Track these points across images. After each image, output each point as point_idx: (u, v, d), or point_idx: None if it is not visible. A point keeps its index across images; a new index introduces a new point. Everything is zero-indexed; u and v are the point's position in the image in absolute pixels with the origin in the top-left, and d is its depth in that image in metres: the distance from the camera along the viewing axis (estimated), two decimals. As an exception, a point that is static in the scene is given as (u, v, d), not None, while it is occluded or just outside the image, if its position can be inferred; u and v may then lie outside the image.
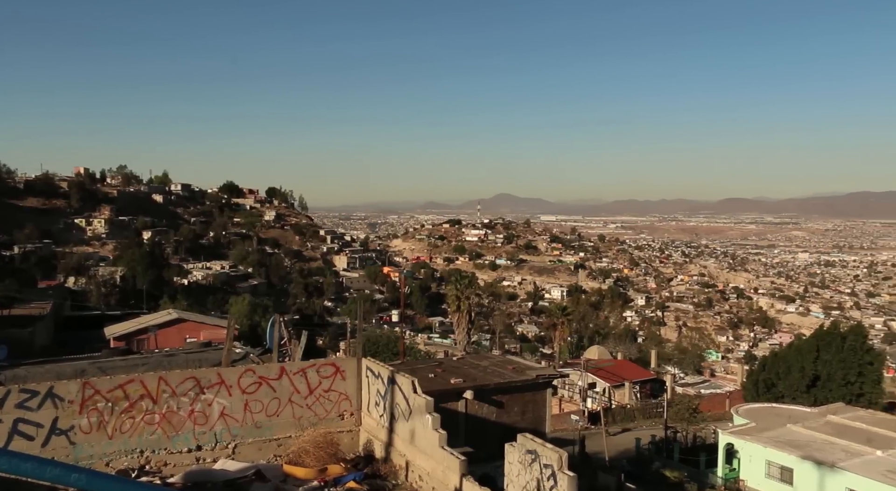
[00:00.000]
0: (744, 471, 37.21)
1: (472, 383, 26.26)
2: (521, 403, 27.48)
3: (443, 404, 22.90)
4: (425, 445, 15.15)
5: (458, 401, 25.51)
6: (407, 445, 16.00)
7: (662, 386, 69.91)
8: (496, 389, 26.64)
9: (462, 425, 25.36)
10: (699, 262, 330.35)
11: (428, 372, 26.98)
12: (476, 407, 25.97)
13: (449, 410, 24.13)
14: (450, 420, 20.08)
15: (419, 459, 15.40)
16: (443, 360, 34.73)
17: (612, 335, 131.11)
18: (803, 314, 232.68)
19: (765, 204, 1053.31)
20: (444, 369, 28.19)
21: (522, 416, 27.39)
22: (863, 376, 49.65)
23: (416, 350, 78.36)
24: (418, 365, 30.77)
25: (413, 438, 15.72)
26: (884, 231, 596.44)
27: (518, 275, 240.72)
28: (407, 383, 16.08)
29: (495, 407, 26.58)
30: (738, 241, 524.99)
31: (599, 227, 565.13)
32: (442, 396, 23.61)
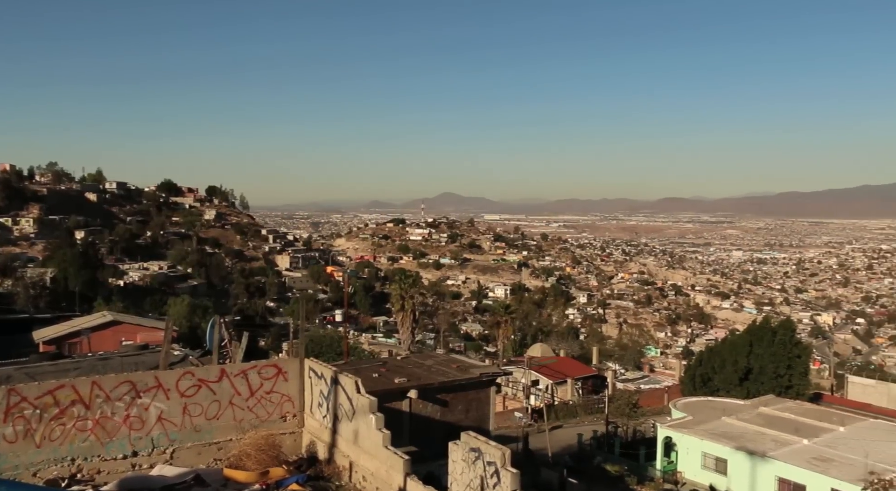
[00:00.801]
0: (681, 463, 38.25)
1: (417, 383, 26.24)
2: (466, 401, 27.59)
3: (387, 404, 22.82)
4: (369, 446, 15.07)
5: (402, 400, 25.45)
6: (350, 446, 15.88)
7: (604, 382, 71.25)
8: (440, 388, 26.68)
9: (406, 425, 25.32)
10: (639, 260, 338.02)
11: (372, 372, 26.84)
12: (420, 406, 25.96)
13: (393, 409, 24.05)
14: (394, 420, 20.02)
15: (363, 460, 15.31)
16: (387, 359, 34.62)
17: (554, 333, 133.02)
18: (737, 310, 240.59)
19: (701, 203, 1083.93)
20: (389, 369, 28.09)
21: (467, 414, 27.50)
22: (791, 369, 51.60)
23: (360, 350, 77.93)
24: (362, 365, 30.57)
25: (357, 438, 15.62)
26: (811, 230, 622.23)
27: (462, 274, 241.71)
28: (350, 384, 15.96)
29: (440, 406, 26.61)
30: (676, 240, 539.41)
31: (542, 226, 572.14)
32: (386, 396, 23.52)
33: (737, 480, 35.40)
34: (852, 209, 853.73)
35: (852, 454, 33.91)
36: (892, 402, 60.61)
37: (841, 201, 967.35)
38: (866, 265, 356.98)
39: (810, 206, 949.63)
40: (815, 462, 33.73)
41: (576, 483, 33.13)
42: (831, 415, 43.29)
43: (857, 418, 42.98)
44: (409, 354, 39.32)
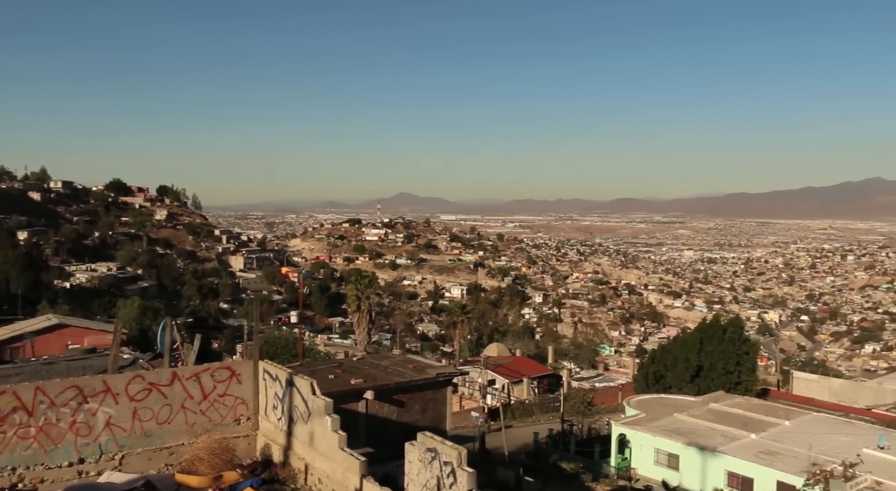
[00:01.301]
0: (635, 459, 38.88)
1: (373, 383, 26.14)
2: (422, 401, 27.58)
3: (343, 405, 22.67)
4: (325, 448, 14.94)
5: (358, 401, 25.32)
6: (306, 448, 15.72)
7: (559, 381, 71.96)
8: (397, 389, 26.62)
9: (363, 426, 25.20)
10: (593, 260, 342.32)
11: (328, 373, 26.63)
12: (377, 407, 25.85)
13: (349, 410, 23.91)
14: (350, 421, 19.88)
15: (318, 462, 15.17)
16: (343, 360, 34.38)
17: (510, 332, 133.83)
18: (688, 309, 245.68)
19: (654, 204, 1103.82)
20: (345, 370, 27.91)
21: (423, 414, 27.49)
22: (740, 365, 52.95)
23: (315, 351, 77.24)
24: (318, 366, 30.32)
25: (312, 440, 15.46)
26: (759, 230, 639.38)
27: (418, 274, 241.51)
28: (306, 385, 15.79)
29: (396, 406, 26.56)
30: (629, 240, 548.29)
31: (498, 226, 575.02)
32: (342, 397, 23.38)
33: (688, 475, 36.15)
34: (796, 210, 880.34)
35: (797, 447, 34.96)
36: (833, 396, 62.68)
37: (786, 203, 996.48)
38: (810, 264, 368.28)
39: (757, 207, 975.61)
40: (762, 456, 34.67)
41: (532, 481, 33.37)
42: (777, 410, 44.57)
43: (802, 412, 44.35)
44: (365, 355, 39.12)
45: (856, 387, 68.91)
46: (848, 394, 63.93)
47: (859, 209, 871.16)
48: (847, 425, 42.30)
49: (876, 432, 39.10)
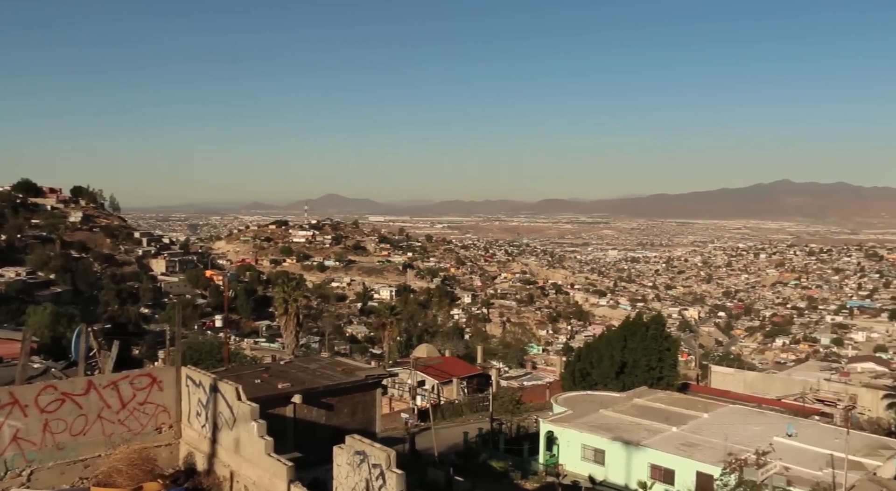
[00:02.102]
0: (563, 456, 39.61)
1: (301, 387, 25.77)
2: (352, 404, 27.36)
3: (270, 410, 22.23)
4: (251, 454, 14.61)
5: (286, 406, 24.90)
6: (231, 455, 15.33)
7: (488, 380, 72.62)
8: (325, 392, 26.32)
9: (291, 431, 24.81)
10: (521, 260, 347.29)
11: (254, 378, 26.09)
12: (305, 411, 25.49)
13: (277, 415, 23.47)
14: (278, 426, 19.53)
15: (244, 469, 14.82)
16: (270, 364, 33.76)
17: (440, 333, 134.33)
18: (613, 307, 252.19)
19: (579, 205, 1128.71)
20: (272, 374, 27.40)
21: (353, 417, 27.27)
22: (662, 361, 54.73)
23: (241, 356, 75.62)
24: (244, 371, 29.66)
25: (238, 447, 15.10)
26: (679, 230, 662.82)
27: (347, 276, 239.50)
28: (231, 391, 15.41)
29: (325, 410, 26.26)
30: (556, 240, 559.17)
31: (427, 227, 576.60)
32: (269, 402, 22.94)
33: (614, 469, 37.09)
34: (713, 211, 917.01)
35: (714, 438, 36.39)
36: (748, 388, 65.63)
37: (703, 203, 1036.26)
38: (726, 263, 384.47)
39: (677, 207, 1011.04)
40: (683, 447, 35.94)
41: (462, 481, 33.55)
42: (696, 403, 46.30)
43: (719, 405, 46.21)
44: (293, 359, 38.48)
45: (768, 379, 72.42)
46: (761, 386, 67.11)
47: (770, 210, 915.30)
48: (760, 416, 44.34)
49: (785, 421, 41.14)
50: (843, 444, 32.32)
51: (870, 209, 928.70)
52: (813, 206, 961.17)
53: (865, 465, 33.88)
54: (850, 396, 62.78)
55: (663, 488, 34.79)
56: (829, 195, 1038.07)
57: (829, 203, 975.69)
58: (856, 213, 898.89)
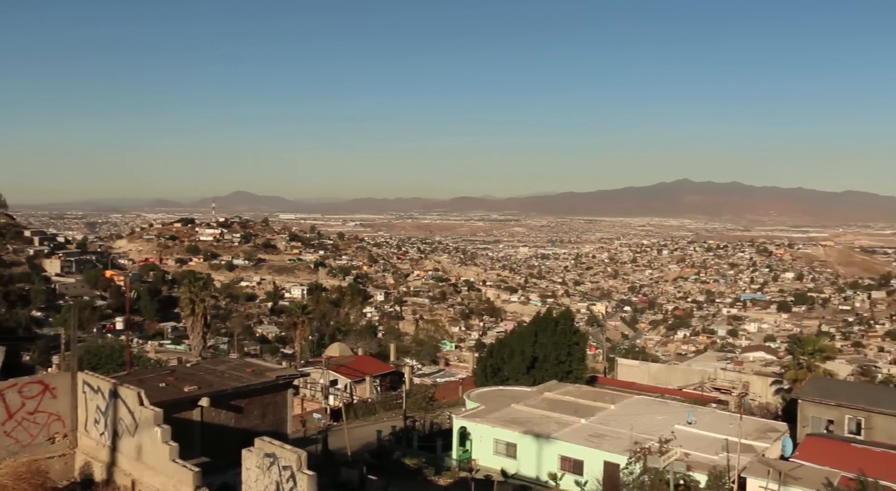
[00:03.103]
0: (476, 451, 40.08)
1: (209, 390, 25.01)
2: (262, 405, 26.78)
3: (175, 415, 21.47)
4: (154, 461, 14.04)
5: (192, 409, 24.10)
6: (133, 463, 14.69)
7: (401, 378, 72.64)
8: (234, 394, 25.66)
9: (198, 435, 24.04)
10: (434, 257, 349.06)
11: (158, 381, 25.11)
12: (213, 414, 24.75)
13: (183, 419, 22.70)
14: (184, 431, 18.86)
15: (147, 476, 14.23)
16: (176, 367, 32.60)
17: (352, 332, 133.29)
18: (524, 303, 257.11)
19: (491, 202, 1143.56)
20: (177, 377, 26.45)
21: (263, 419, 26.69)
22: (571, 355, 56.22)
23: (145, 359, 72.48)
24: (147, 375, 28.51)
25: (140, 454, 14.48)
26: (587, 227, 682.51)
27: (257, 275, 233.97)
28: (132, 396, 14.76)
29: (234, 412, 25.60)
30: (468, 237, 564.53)
31: (339, 225, 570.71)
32: (174, 406, 22.13)
33: (525, 462, 37.84)
34: (619, 208, 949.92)
35: (621, 428, 37.72)
36: (651, 379, 68.41)
37: (610, 202, 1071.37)
38: (631, 259, 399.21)
39: (585, 205, 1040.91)
40: (591, 439, 37.08)
41: (375, 479, 33.43)
42: (604, 395, 47.87)
43: (625, 396, 47.96)
44: (200, 361, 37.30)
45: (670, 370, 75.78)
46: (664, 376, 70.11)
47: (672, 208, 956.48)
48: (663, 405, 46.32)
49: (686, 410, 43.16)
50: (736, 429, 34.21)
51: (760, 207, 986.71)
52: (710, 204, 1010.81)
53: (756, 447, 35.99)
54: (744, 383, 66.53)
55: (573, 479, 35.80)
56: (724, 194, 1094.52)
57: (725, 201, 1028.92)
58: (748, 210, 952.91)
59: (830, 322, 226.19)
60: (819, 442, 36.56)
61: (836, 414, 40.76)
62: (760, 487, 30.74)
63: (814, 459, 33.42)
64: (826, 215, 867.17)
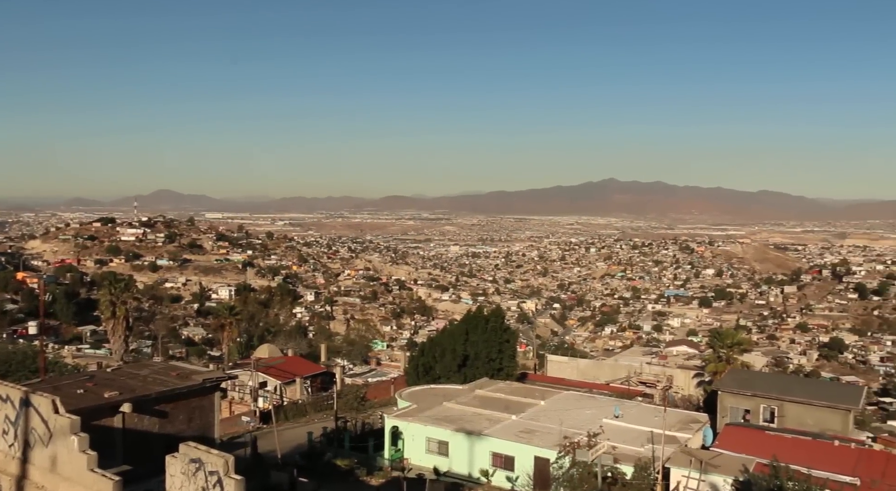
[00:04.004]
0: (408, 450, 40.05)
1: (131, 395, 24.17)
2: (188, 410, 26.06)
3: (95, 422, 20.69)
4: (70, 471, 13.44)
5: (113, 416, 23.23)
6: (47, 475, 14.01)
7: (332, 378, 71.91)
8: (159, 399, 24.87)
9: (120, 442, 23.21)
10: (364, 256, 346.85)
11: (76, 388, 24.09)
12: (136, 420, 23.93)
13: (103, 427, 21.85)
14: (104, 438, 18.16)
15: (63, 488, 13.61)
16: (95, 372, 31.33)
17: (282, 332, 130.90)
18: (455, 301, 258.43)
19: (421, 201, 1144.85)
20: (97, 383, 25.43)
21: (189, 424, 25.97)
22: (502, 353, 56.83)
23: (61, 365, 69.36)
24: (63, 381, 27.25)
25: (55, 465, 13.83)
26: (517, 225, 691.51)
27: (182, 275, 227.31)
28: (45, 404, 14.08)
29: (158, 418, 24.82)
30: (399, 236, 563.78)
31: (267, 224, 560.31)
32: (94, 413, 21.32)
33: (457, 460, 38.05)
34: (548, 207, 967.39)
35: (550, 424, 38.39)
36: (580, 374, 69.96)
37: (539, 200, 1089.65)
38: (560, 257, 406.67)
39: (515, 204, 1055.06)
40: (522, 434, 37.59)
41: (306, 482, 32.99)
42: (534, 391, 48.62)
43: (555, 392, 48.84)
44: (121, 365, 35.95)
45: (598, 365, 77.62)
46: (592, 372, 71.80)
47: (599, 207, 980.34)
48: (591, 400, 47.40)
49: (613, 404, 44.32)
50: (661, 421, 35.31)
51: (683, 206, 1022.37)
52: (636, 203, 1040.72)
53: (679, 438, 37.25)
54: (668, 377, 68.81)
55: (504, 475, 36.21)
56: (649, 193, 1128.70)
57: (649, 201, 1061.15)
58: (671, 209, 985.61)
59: (747, 316, 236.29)
60: (737, 431, 38.12)
61: (752, 404, 42.62)
62: (683, 476, 31.83)
63: (732, 447, 34.82)
64: (743, 214, 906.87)
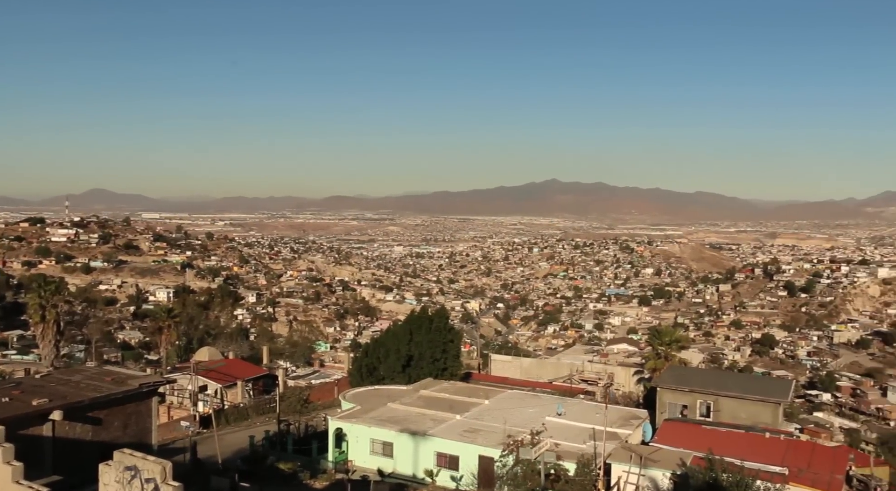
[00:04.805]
0: (352, 452, 39.77)
1: (62, 402, 23.29)
2: (124, 416, 25.30)
3: (22, 431, 19.87)
4: (-3, 483, 12.87)
5: (42, 424, 22.35)
6: (-28, 487, 13.38)
7: (275, 381, 70.88)
8: (92, 405, 24.06)
9: (49, 452, 22.34)
10: (307, 257, 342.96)
11: (1, 396, 23.07)
12: (67, 428, 23.08)
13: (31, 436, 21.01)
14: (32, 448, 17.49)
15: (-11, 500, 13.01)
16: (23, 379, 30.11)
17: (223, 335, 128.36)
18: (399, 302, 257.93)
19: (365, 201, 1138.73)
20: (24, 390, 24.43)
21: (125, 430, 25.22)
22: (446, 353, 56.96)
23: (-14, 372, 66.44)
24: (-11, 389, 26.10)
25: (-20, 476, 13.21)
26: (460, 226, 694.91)
27: (118, 277, 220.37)
28: (-30, 412, 13.45)
29: (92, 425, 24.01)
30: (342, 237, 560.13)
31: (207, 224, 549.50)
32: (20, 422, 20.49)
33: (402, 461, 37.97)
34: (491, 208, 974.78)
35: (494, 422, 38.67)
36: (524, 373, 70.72)
37: (482, 201, 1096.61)
38: (504, 257, 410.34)
39: (459, 204, 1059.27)
40: (466, 434, 37.77)
41: (248, 486, 32.41)
42: (478, 391, 48.91)
43: (499, 391, 49.24)
44: (51, 371, 34.65)
45: (541, 364, 78.62)
46: (535, 370, 72.68)
47: (541, 207, 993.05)
48: (534, 398, 47.97)
49: (556, 402, 44.93)
50: (602, 418, 35.98)
51: (623, 207, 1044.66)
52: (577, 203, 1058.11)
53: (620, 434, 38.04)
54: (609, 374, 70.20)
55: (448, 474, 36.30)
56: (590, 194, 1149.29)
57: (591, 201, 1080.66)
58: (612, 210, 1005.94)
59: (685, 314, 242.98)
60: (675, 426, 39.16)
61: (689, 399, 43.83)
62: (623, 471, 32.51)
63: (670, 442, 35.74)
64: (680, 214, 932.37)
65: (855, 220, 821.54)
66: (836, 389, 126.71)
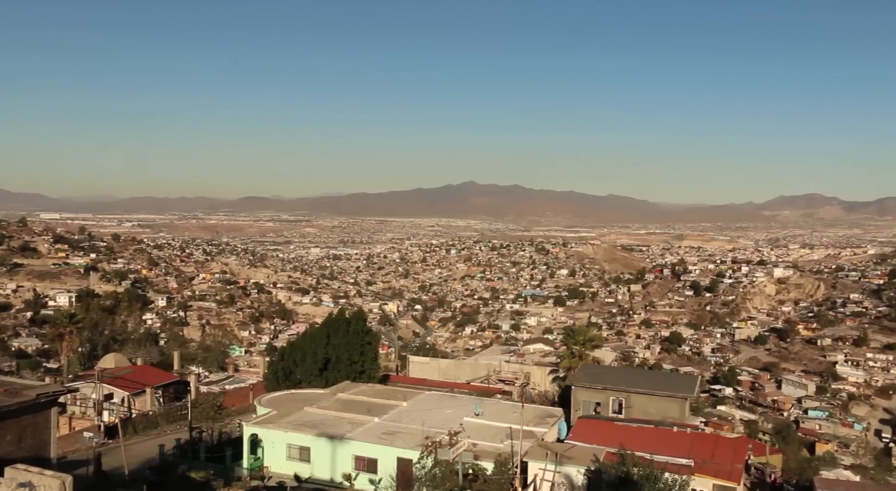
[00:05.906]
0: (268, 458, 38.93)
1: (-50, 415, 21.76)
2: (18, 429, 23.83)
3: None
4: None
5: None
6: None
7: (186, 387, 68.54)
8: (-17, 418, 22.56)
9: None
10: (221, 259, 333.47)
11: None
12: (-44, 443, 21.56)
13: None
14: (-84, 465, 16.19)
15: None
16: None
17: (130, 340, 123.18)
18: (316, 304, 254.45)
19: (281, 203, 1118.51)
20: None
21: (20, 444, 23.76)
22: (364, 355, 56.59)
23: None
24: None
25: None
26: (378, 228, 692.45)
27: (12, 281, 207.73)
28: None
29: (-17, 439, 22.48)
30: (257, 238, 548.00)
31: (113, 225, 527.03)
32: None
33: (319, 465, 37.43)
34: (409, 209, 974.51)
35: (413, 424, 38.68)
36: (442, 374, 71.07)
37: (400, 202, 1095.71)
38: (421, 258, 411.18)
39: (376, 206, 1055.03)
40: (385, 436, 37.61)
41: (157, 498, 31.21)
42: (396, 393, 48.80)
43: (417, 393, 49.28)
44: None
45: (459, 365, 79.25)
46: (453, 371, 73.14)
47: (459, 209, 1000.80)
48: (452, 399, 48.25)
49: (473, 402, 45.37)
50: (519, 417, 36.58)
51: (538, 209, 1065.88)
52: (494, 205, 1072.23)
53: (536, 433, 38.77)
54: (525, 374, 71.47)
55: (367, 478, 36.03)
56: (506, 196, 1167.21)
57: (507, 203, 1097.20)
58: (528, 212, 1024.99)
59: (598, 313, 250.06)
60: (589, 423, 40.25)
61: (602, 397, 45.17)
62: (540, 468, 33.13)
63: (585, 438, 36.70)
64: (593, 216, 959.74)
65: (753, 222, 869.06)
66: (737, 384, 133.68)
